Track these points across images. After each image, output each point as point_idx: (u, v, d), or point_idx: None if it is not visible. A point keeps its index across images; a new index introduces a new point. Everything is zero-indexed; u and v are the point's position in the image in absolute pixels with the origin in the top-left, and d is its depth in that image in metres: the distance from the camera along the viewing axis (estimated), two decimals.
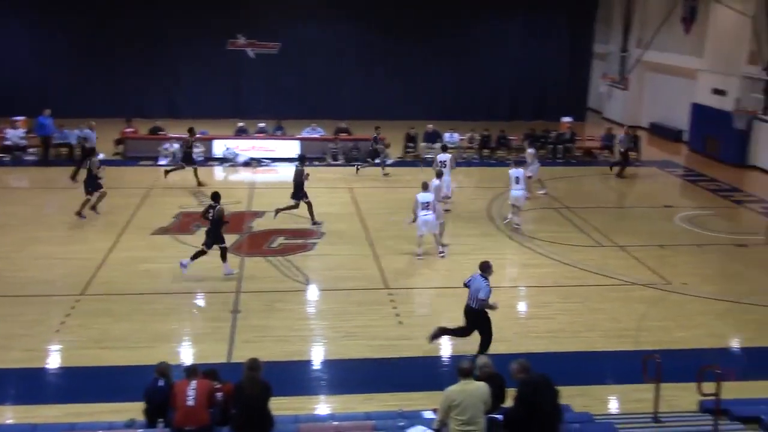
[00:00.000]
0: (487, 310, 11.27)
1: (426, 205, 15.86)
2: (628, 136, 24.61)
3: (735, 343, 12.80)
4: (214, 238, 14.65)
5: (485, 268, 11.35)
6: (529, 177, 20.30)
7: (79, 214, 18.17)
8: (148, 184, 21.60)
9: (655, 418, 9.38)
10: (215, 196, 14.93)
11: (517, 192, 18.04)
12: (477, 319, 11.33)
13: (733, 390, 10.06)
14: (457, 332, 11.69)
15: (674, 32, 29.77)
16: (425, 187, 16.21)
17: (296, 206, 18.14)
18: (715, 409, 8.50)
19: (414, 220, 16.11)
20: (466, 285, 11.48)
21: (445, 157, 19.86)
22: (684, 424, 9.27)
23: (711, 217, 20.01)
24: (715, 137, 26.92)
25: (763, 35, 22.53)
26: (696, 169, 25.85)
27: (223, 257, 14.76)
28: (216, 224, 14.64)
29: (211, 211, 14.72)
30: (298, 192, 18.05)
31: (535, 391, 7.77)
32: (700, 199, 22.13)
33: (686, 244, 17.54)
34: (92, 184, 18.31)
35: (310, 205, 18.19)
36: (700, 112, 28.16)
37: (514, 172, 18.18)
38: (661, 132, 31.35)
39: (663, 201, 21.65)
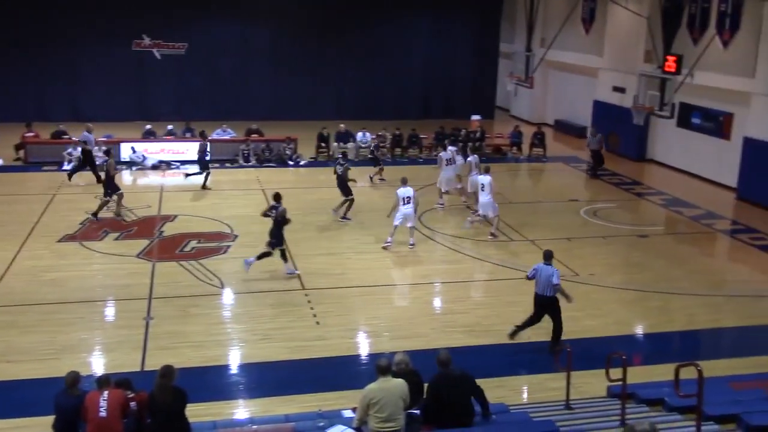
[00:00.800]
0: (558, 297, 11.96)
1: (407, 200, 16.56)
2: (595, 138, 24.65)
3: (640, 330, 13.39)
4: (275, 238, 14.70)
5: (549, 257, 12.05)
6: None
7: (96, 215, 18.21)
8: (52, 190, 20.81)
9: (567, 405, 9.71)
10: (277, 197, 15.11)
11: (484, 198, 17.74)
12: (549, 306, 12.00)
13: (639, 374, 10.57)
14: (528, 323, 12.23)
15: (575, 32, 30.82)
16: (405, 182, 17.01)
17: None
18: (622, 393, 8.85)
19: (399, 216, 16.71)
20: (530, 278, 12.02)
21: (451, 151, 21.00)
22: (594, 409, 9.62)
23: (614, 210, 20.83)
24: (616, 133, 28.03)
25: (657, 35, 23.55)
26: None
27: (284, 257, 14.87)
28: (278, 225, 14.72)
29: (273, 211, 14.88)
30: (344, 190, 18.77)
31: (446, 385, 7.95)
32: (603, 192, 22.99)
33: (592, 237, 18.20)
34: (111, 186, 18.34)
35: (352, 202, 18.81)
36: (601, 109, 29.27)
37: (482, 178, 17.96)
38: (566, 128, 32.41)
39: (569, 195, 22.39)
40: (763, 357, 12.01)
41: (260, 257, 14.75)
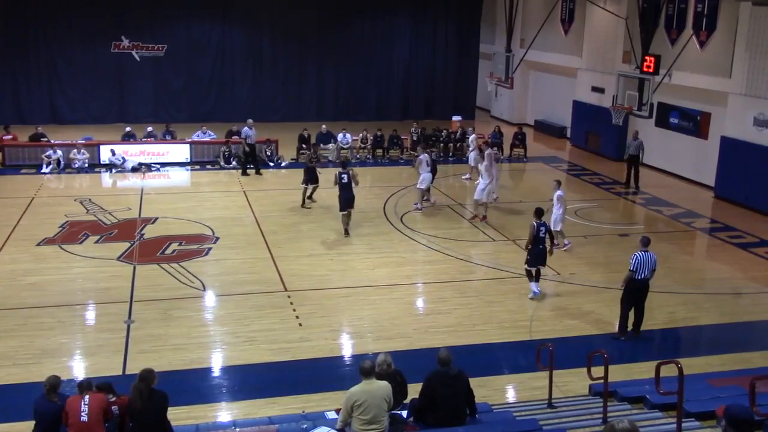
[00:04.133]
0: None
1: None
2: (636, 141, 23.57)
3: None
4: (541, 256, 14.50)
5: (648, 242, 12.51)
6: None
7: (310, 201, 20.14)
8: (30, 193, 20.62)
9: (550, 404, 9.76)
10: (539, 212, 14.36)
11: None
12: (646, 290, 12.49)
13: (620, 372, 10.66)
14: (627, 314, 12.60)
15: (554, 33, 31.00)
16: (559, 184, 17.50)
17: None
18: (604, 391, 8.92)
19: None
20: (633, 270, 12.31)
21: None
22: (576, 408, 9.68)
23: (595, 209, 20.98)
24: (595, 132, 28.24)
25: (635, 36, 23.75)
26: (579, 163, 27.01)
27: (536, 277, 14.49)
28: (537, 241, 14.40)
29: (542, 229, 14.43)
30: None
31: (440, 383, 7.96)
32: (584, 192, 23.14)
33: (573, 236, 18.29)
34: (312, 175, 19.94)
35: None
36: (581, 109, 29.46)
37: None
38: (546, 129, 32.59)
39: (550, 195, 22.38)
40: (741, 353, 12.16)
41: (534, 278, 14.52)
